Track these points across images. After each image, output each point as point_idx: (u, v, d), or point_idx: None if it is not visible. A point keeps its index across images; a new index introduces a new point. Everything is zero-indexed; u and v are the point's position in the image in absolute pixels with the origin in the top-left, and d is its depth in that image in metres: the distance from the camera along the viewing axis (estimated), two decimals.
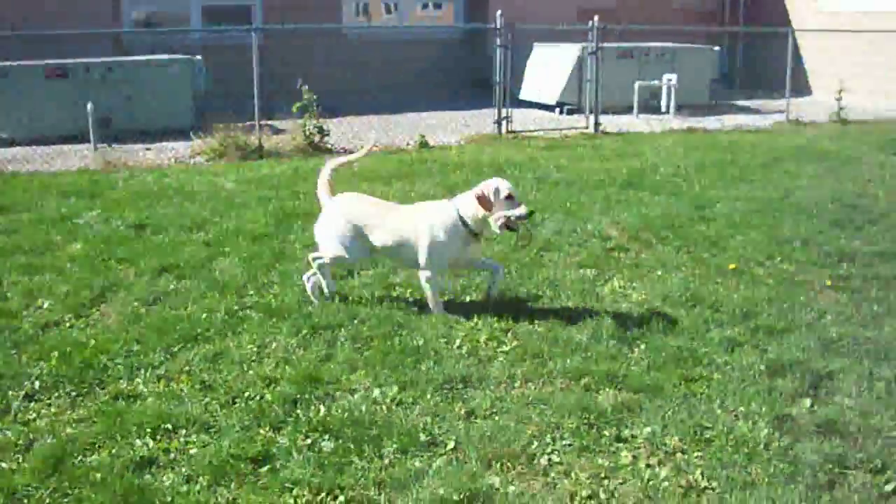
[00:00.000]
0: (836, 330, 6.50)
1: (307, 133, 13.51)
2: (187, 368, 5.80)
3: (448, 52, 19.90)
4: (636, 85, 17.68)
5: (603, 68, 16.05)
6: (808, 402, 5.45)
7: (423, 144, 13.91)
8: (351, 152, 13.21)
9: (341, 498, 4.41)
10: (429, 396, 5.43)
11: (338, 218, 6.79)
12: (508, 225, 6.50)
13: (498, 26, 15.24)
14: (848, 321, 6.71)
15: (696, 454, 4.85)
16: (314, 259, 6.88)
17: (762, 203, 10.11)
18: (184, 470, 4.63)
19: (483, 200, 6.47)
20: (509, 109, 15.27)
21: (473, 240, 6.66)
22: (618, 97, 17.25)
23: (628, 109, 17.64)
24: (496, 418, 5.19)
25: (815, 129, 16.29)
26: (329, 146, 13.62)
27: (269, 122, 14.16)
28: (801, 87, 20.95)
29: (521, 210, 6.47)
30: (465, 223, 6.57)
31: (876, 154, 13.62)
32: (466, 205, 6.58)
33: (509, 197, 6.46)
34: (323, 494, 4.43)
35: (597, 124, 15.65)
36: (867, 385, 5.69)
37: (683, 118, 17.30)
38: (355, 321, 6.50)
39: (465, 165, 11.93)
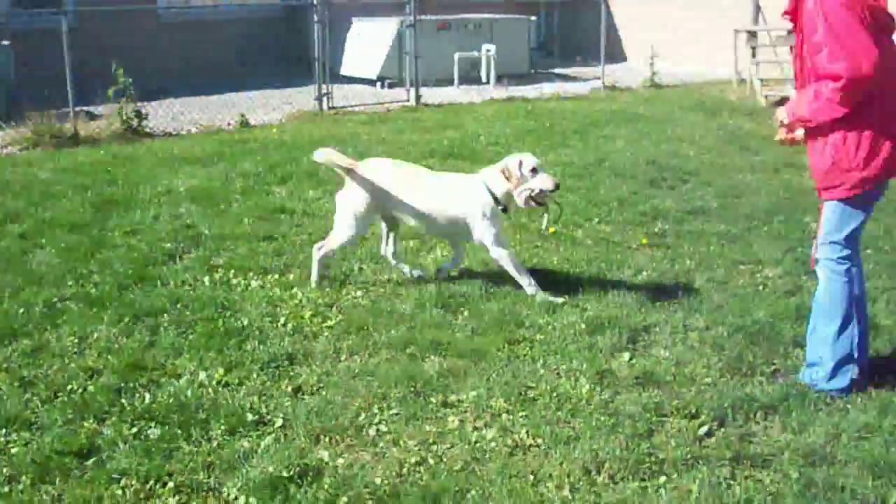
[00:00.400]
0: (652, 286, 6.73)
1: (125, 118, 13.15)
2: (5, 365, 5.60)
3: (268, 30, 19.66)
4: (456, 56, 17.82)
5: (422, 41, 16.11)
6: (626, 356, 5.65)
7: (244, 124, 13.72)
8: (171, 135, 13.06)
9: (170, 484, 4.34)
10: (255, 376, 5.40)
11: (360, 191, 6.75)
12: (535, 199, 6.42)
13: (315, 2, 15.14)
14: (663, 277, 6.96)
15: (521, 414, 4.96)
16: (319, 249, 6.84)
17: (580, 167, 10.36)
18: (5, 470, 4.47)
19: (506, 173, 6.40)
20: (330, 86, 15.19)
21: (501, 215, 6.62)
22: (438, 69, 17.37)
23: (449, 81, 17.78)
24: (323, 393, 5.20)
25: (630, 94, 16.77)
26: (149, 130, 13.32)
27: (86, 109, 13.72)
28: (617, 55, 21.49)
29: (547, 182, 6.38)
30: (494, 197, 6.50)
31: (686, 115, 14.12)
32: (492, 178, 6.50)
33: (534, 170, 6.37)
34: (151, 482, 4.35)
35: (418, 97, 15.72)
36: (682, 336, 5.93)
37: (503, 88, 17.53)
38: (178, 305, 6.41)
39: (286, 144, 11.85)
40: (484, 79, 18.13)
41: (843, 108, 4.80)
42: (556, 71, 20.21)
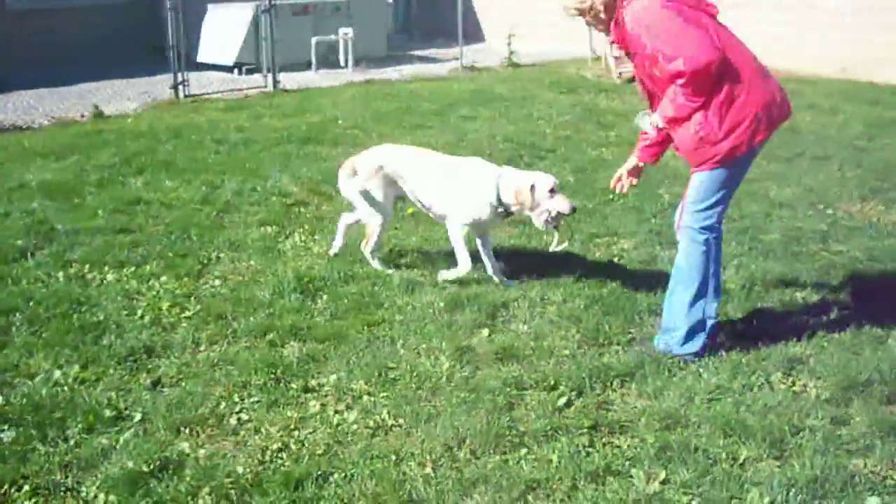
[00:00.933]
0: (511, 260, 6.82)
1: None
2: None
3: (122, 18, 19.17)
4: (313, 41, 17.69)
5: (279, 26, 15.95)
6: (486, 332, 5.73)
7: (99, 115, 13.37)
8: (22, 129, 12.65)
9: (26, 487, 4.23)
10: (112, 371, 5.30)
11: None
12: (552, 221, 6.24)
13: None
14: (521, 252, 7.06)
15: (382, 395, 4.99)
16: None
17: (438, 148, 10.32)
18: None
19: (518, 197, 6.18)
20: (186, 73, 14.93)
21: (501, 218, 6.48)
22: (296, 54, 17.21)
23: (308, 66, 17.64)
24: (183, 384, 5.14)
25: (489, 74, 16.87)
26: None
27: None
28: (476, 35, 21.62)
29: (564, 205, 6.18)
30: (500, 202, 6.29)
31: (544, 93, 14.30)
32: (507, 188, 6.24)
33: (552, 191, 6.17)
34: (6, 486, 4.23)
35: (276, 82, 15.56)
36: (540, 310, 6.03)
37: (362, 71, 17.49)
38: (31, 303, 6.22)
39: (143, 134, 11.60)
40: (343, 63, 18.03)
41: (699, 97, 5.02)
42: (416, 53, 20.22)
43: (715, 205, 5.24)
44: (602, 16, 5.30)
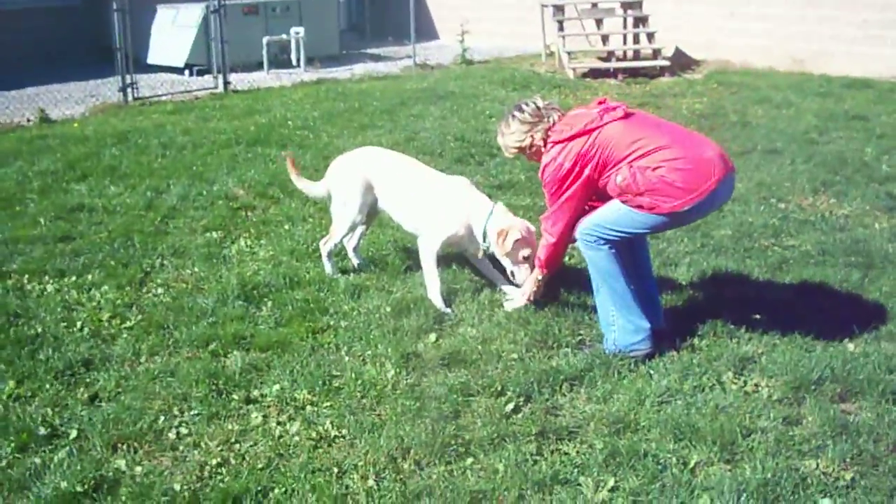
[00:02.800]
0: (458, 265, 6.72)
1: None
2: None
3: (68, 20, 18.88)
4: (264, 40, 17.51)
5: (229, 26, 15.75)
6: (433, 336, 5.62)
7: (44, 119, 13.12)
8: None
9: None
10: (49, 386, 5.15)
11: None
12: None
13: None
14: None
15: (325, 404, 4.88)
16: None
17: (388, 147, 10.21)
18: None
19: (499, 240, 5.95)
20: (134, 76, 14.70)
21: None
22: (247, 54, 17.02)
23: (259, 66, 17.45)
24: (122, 398, 5.00)
25: (441, 71, 16.76)
26: None
27: None
28: (429, 33, 21.51)
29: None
30: (485, 237, 6.09)
31: (496, 90, 14.21)
32: (492, 230, 6.01)
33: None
34: None
35: (226, 83, 15.36)
36: (489, 313, 5.93)
37: (314, 70, 17.33)
38: None
39: (88, 138, 11.37)
40: (294, 62, 17.86)
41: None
42: (368, 51, 20.07)
43: (618, 235, 5.25)
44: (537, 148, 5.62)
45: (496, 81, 14.98)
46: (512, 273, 6.05)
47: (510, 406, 4.80)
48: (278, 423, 4.73)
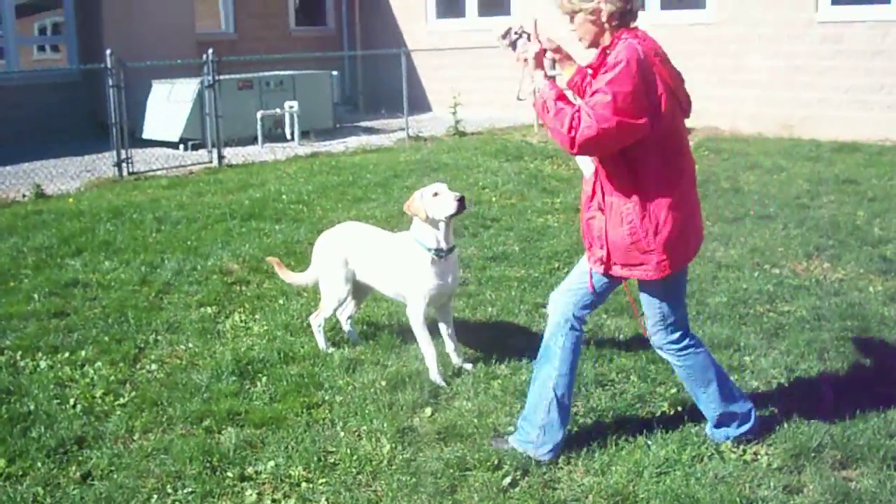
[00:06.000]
0: (458, 334, 6.69)
1: None
2: None
3: (65, 95, 18.97)
4: (259, 115, 17.61)
5: (224, 100, 15.85)
6: (428, 410, 5.58)
7: (40, 195, 13.16)
8: None
9: None
10: (40, 465, 5.09)
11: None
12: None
13: (109, 65, 14.73)
14: (465, 325, 6.94)
15: (321, 481, 4.83)
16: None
17: (382, 220, 10.30)
18: None
19: (410, 209, 6.14)
20: (129, 150, 14.77)
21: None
22: (241, 128, 17.09)
23: (253, 140, 17.51)
24: (114, 477, 4.93)
25: (434, 143, 16.84)
26: None
27: None
28: (422, 105, 21.65)
29: (450, 206, 5.99)
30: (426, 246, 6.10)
31: (490, 161, 14.26)
32: (417, 228, 6.14)
33: (436, 194, 6.05)
34: None
35: (220, 158, 15.42)
36: (485, 385, 5.89)
37: (309, 144, 17.40)
38: None
39: (83, 213, 11.40)
40: (288, 136, 17.95)
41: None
42: (362, 124, 20.16)
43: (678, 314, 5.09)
44: (600, 24, 4.71)
45: (489, 153, 15.05)
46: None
47: (507, 480, 4.75)
48: (273, 501, 4.67)
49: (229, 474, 4.90)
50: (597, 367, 6.09)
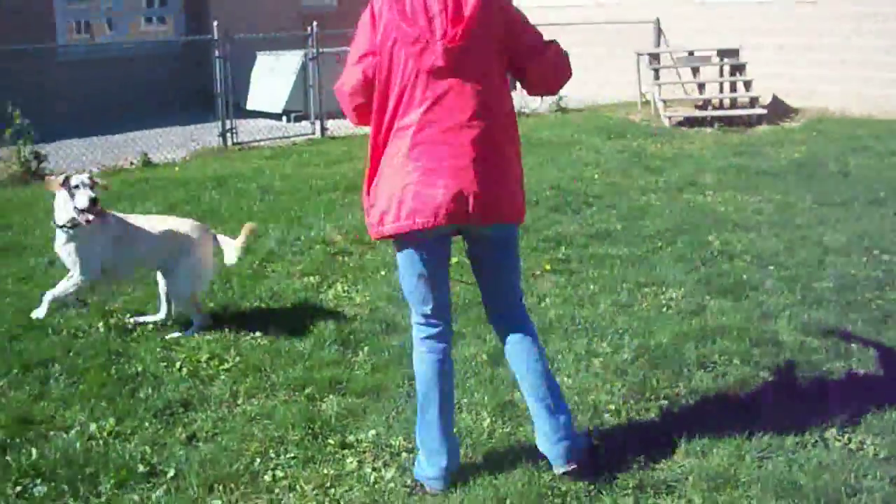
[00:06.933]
0: (555, 312, 6.69)
1: (22, 160, 12.80)
2: None
3: (171, 67, 19.31)
4: None
5: (326, 73, 15.96)
6: None
7: (147, 163, 13.46)
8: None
9: None
10: (148, 425, 5.21)
11: None
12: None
13: (215, 37, 14.96)
14: (566, 302, 6.92)
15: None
16: None
17: None
18: None
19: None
20: (234, 121, 15.00)
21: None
22: None
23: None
24: (218, 439, 5.03)
25: (536, 119, 16.75)
26: (47, 172, 12.95)
27: None
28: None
29: (82, 200, 6.23)
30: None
31: (592, 138, 14.17)
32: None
33: (75, 187, 6.24)
34: None
35: (323, 129, 15.59)
36: (586, 363, 5.87)
37: None
38: (70, 353, 6.18)
39: (188, 182, 11.62)
40: None
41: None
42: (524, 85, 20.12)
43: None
44: None
45: (591, 130, 14.95)
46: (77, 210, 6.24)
47: (606, 460, 4.72)
48: (373, 469, 4.71)
49: (330, 441, 4.96)
50: (699, 348, 6.01)
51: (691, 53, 17.56)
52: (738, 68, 17.10)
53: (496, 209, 4.31)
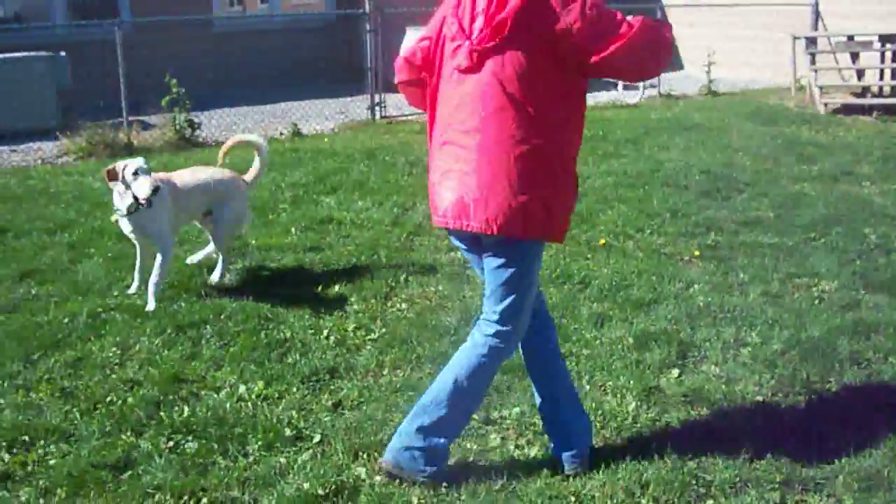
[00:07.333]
0: (703, 299, 6.58)
1: (178, 127, 13.19)
2: (47, 376, 5.58)
3: (322, 40, 19.61)
4: None
5: None
6: (675, 372, 5.49)
7: (296, 133, 13.71)
8: (222, 145, 13.04)
9: (204, 500, 4.28)
10: (295, 390, 5.33)
11: None
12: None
13: (367, 11, 15.11)
14: (715, 290, 6.79)
15: None
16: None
17: (632, 177, 10.19)
18: (41, 483, 4.44)
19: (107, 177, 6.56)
20: (382, 95, 15.15)
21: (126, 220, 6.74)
22: None
23: None
24: (363, 408, 5.11)
25: (686, 102, 16.50)
26: (201, 140, 13.34)
27: (139, 118, 13.80)
28: (674, 62, 21.21)
29: (142, 189, 6.41)
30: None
31: (743, 123, 13.86)
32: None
33: (135, 173, 6.41)
34: (185, 497, 4.29)
35: None
36: (734, 352, 5.76)
37: None
38: (221, 316, 6.36)
39: (337, 153, 11.80)
40: None
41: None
42: (612, 80, 19.94)
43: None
44: None
45: (742, 114, 14.62)
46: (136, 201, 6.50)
47: (748, 454, 4.62)
48: (517, 447, 4.71)
49: (475, 417, 4.95)
50: (852, 343, 5.84)
51: (851, 38, 16.97)
52: None
53: (497, 221, 4.05)
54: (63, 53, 14.66)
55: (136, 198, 6.42)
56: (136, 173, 6.39)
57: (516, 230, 4.06)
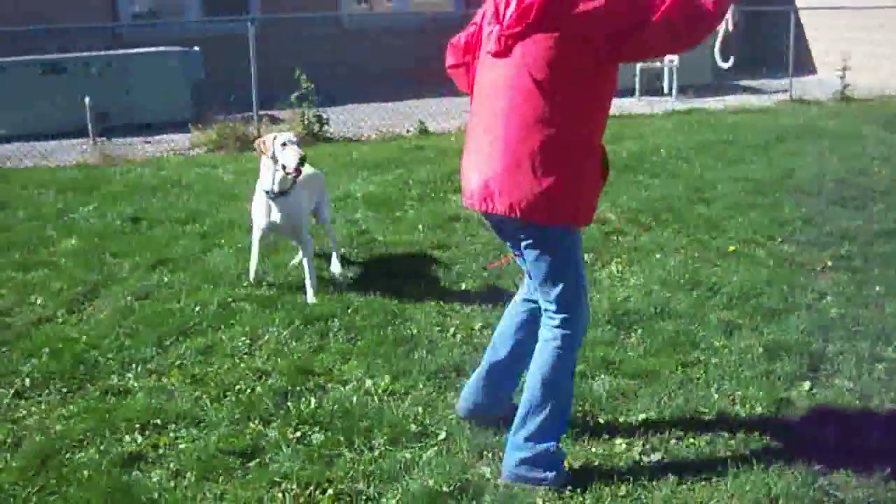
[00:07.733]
0: (837, 311, 6.42)
1: (306, 122, 13.40)
2: (178, 362, 5.75)
3: (447, 39, 19.65)
4: (638, 68, 17.52)
5: None
6: (806, 385, 5.36)
7: (423, 131, 13.81)
8: (351, 140, 13.24)
9: (330, 491, 4.33)
10: (421, 386, 5.36)
11: None
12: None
13: None
14: (848, 301, 6.62)
15: (690, 440, 4.76)
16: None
17: (762, 183, 10.00)
18: (171, 465, 4.57)
19: (261, 147, 6.64)
20: None
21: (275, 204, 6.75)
22: (620, 81, 17.04)
23: (630, 92, 17.47)
24: None
25: (818, 108, 16.11)
26: (329, 135, 13.53)
27: (269, 113, 14.06)
28: (806, 66, 20.71)
29: (291, 159, 6.46)
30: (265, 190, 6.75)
31: (879, 131, 13.47)
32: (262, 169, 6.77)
33: (284, 144, 6.48)
34: (311, 488, 4.35)
35: None
36: (868, 367, 5.60)
37: (685, 99, 17.13)
38: (349, 311, 6.45)
39: (461, 152, 11.79)
40: (665, 90, 17.76)
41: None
42: (741, 83, 19.59)
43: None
44: None
45: (878, 122, 14.20)
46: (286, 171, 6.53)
47: (888, 470, 4.49)
48: (642, 453, 4.66)
49: (600, 420, 4.95)
50: None
51: None
52: None
53: (520, 206, 4.06)
54: (196, 48, 15.03)
55: (284, 167, 6.48)
56: (284, 144, 6.49)
57: (540, 216, 4.09)
